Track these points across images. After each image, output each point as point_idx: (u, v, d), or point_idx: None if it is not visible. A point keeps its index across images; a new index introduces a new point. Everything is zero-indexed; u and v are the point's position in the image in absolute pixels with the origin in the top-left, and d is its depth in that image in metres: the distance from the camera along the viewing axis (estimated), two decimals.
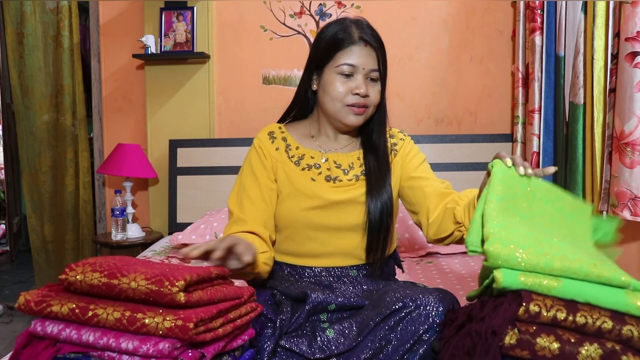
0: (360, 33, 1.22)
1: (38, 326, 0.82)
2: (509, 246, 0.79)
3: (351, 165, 1.29)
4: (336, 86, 1.21)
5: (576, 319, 0.74)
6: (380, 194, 1.24)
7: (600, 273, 0.77)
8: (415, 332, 0.99)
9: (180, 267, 0.86)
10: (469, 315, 0.86)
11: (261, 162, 1.29)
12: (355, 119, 1.24)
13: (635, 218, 1.57)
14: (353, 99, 1.21)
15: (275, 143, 1.31)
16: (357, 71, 1.21)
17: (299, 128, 1.35)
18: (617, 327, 0.74)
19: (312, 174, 1.27)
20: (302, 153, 1.30)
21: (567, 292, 0.76)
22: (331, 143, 1.32)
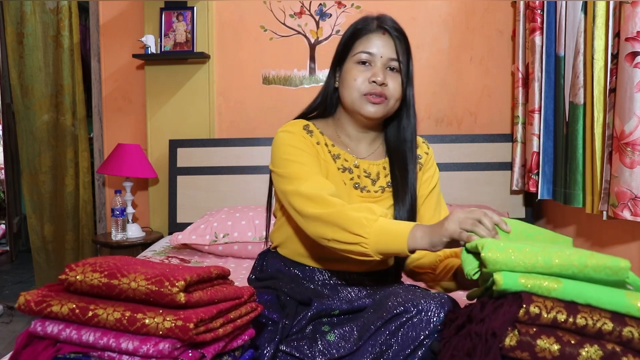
0: (379, 22, 1.20)
1: (38, 326, 0.82)
2: (507, 250, 0.79)
3: (378, 174, 1.25)
4: (353, 74, 1.18)
5: (576, 320, 0.74)
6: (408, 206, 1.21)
7: (598, 262, 0.76)
8: (417, 338, 0.98)
9: (180, 267, 0.86)
10: (468, 316, 0.86)
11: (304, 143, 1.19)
12: (373, 108, 1.17)
13: (635, 218, 1.57)
14: (369, 87, 1.16)
15: (314, 137, 1.23)
16: (374, 60, 1.18)
17: (329, 127, 1.28)
18: (618, 329, 0.74)
19: (345, 178, 1.22)
20: (338, 152, 1.24)
21: (568, 294, 0.76)
22: (357, 147, 1.26)
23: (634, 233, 1.73)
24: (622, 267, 0.77)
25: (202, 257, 2.24)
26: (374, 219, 1.01)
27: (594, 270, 0.77)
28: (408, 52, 1.22)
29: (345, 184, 1.22)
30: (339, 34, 2.72)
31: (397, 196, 1.22)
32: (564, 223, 2.31)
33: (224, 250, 2.23)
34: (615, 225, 1.83)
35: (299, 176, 1.14)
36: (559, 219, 2.37)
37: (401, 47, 1.20)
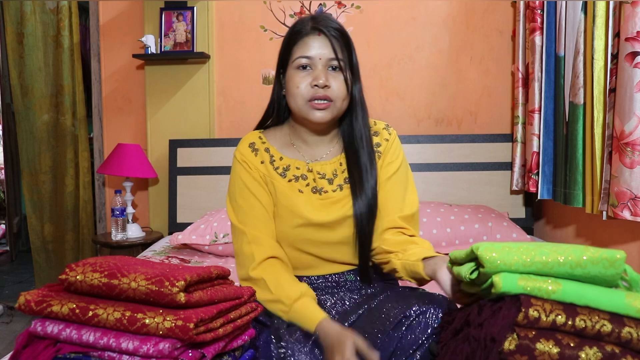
0: (314, 23, 1.16)
1: (38, 326, 0.82)
2: (504, 249, 0.79)
3: (334, 172, 1.23)
4: (295, 82, 1.15)
5: (575, 323, 0.74)
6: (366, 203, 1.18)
7: (594, 254, 0.76)
8: (416, 341, 0.98)
9: (181, 267, 0.86)
10: (466, 320, 0.85)
11: (251, 176, 1.23)
12: (320, 114, 1.15)
13: (635, 218, 1.57)
14: (312, 92, 1.13)
15: (259, 156, 1.24)
16: (314, 63, 1.15)
17: (279, 135, 1.28)
18: (617, 330, 0.73)
19: (300, 186, 1.22)
20: (287, 164, 1.24)
21: (568, 296, 0.76)
22: (312, 149, 1.26)
23: (634, 233, 1.73)
24: (619, 258, 0.76)
25: (202, 257, 2.24)
26: (288, 309, 1.10)
27: (591, 262, 0.76)
28: (349, 47, 1.18)
29: (303, 192, 1.21)
30: None
31: (354, 193, 1.20)
32: (564, 223, 2.31)
33: (224, 250, 2.23)
34: (615, 225, 1.83)
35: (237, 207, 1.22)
36: (559, 219, 2.37)
37: (339, 45, 1.16)
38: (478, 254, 0.80)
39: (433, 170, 2.59)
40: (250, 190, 1.22)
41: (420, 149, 2.60)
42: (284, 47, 1.21)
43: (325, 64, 1.15)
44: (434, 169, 2.59)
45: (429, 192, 2.58)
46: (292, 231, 1.20)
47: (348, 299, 1.21)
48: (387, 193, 1.23)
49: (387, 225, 1.20)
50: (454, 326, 0.89)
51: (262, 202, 1.21)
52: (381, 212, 1.21)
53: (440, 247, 2.23)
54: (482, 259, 0.79)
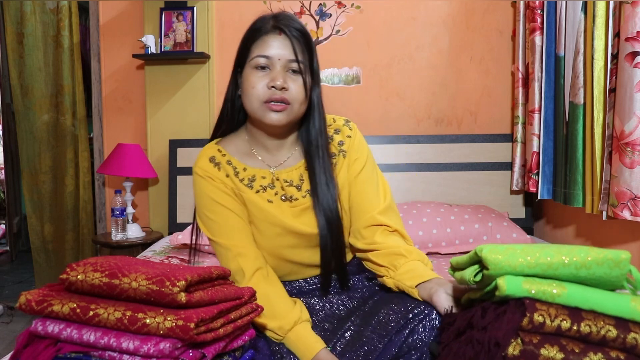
0: (275, 22, 1.12)
1: (39, 326, 0.82)
2: (508, 251, 0.78)
3: (301, 177, 1.19)
4: (251, 81, 1.10)
5: (580, 328, 0.73)
6: (322, 212, 1.14)
7: (599, 254, 0.76)
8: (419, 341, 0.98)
9: (181, 267, 0.86)
10: (469, 322, 0.85)
11: (218, 189, 1.16)
12: (276, 117, 1.09)
13: (635, 218, 1.57)
14: (269, 94, 1.08)
15: (222, 170, 1.17)
16: (273, 63, 1.09)
17: (237, 144, 1.21)
18: (622, 336, 0.73)
19: (268, 196, 1.17)
20: (252, 174, 1.18)
21: (573, 300, 0.75)
22: (273, 155, 1.20)
23: (634, 233, 1.73)
24: (624, 259, 0.76)
25: (202, 257, 2.24)
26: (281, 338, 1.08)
27: (596, 263, 0.76)
28: (310, 50, 1.13)
29: (272, 201, 1.17)
30: (339, 34, 2.73)
31: (313, 198, 1.16)
32: (564, 223, 2.31)
33: None
34: (615, 225, 1.83)
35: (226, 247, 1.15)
36: (559, 219, 2.37)
37: (300, 47, 1.11)
38: (482, 256, 0.79)
39: (433, 170, 2.59)
40: (220, 203, 1.16)
41: (420, 149, 2.60)
42: (242, 44, 1.16)
43: (284, 65, 1.10)
44: (434, 169, 2.59)
45: (429, 192, 2.58)
46: (271, 241, 1.17)
47: (336, 300, 1.19)
48: (359, 192, 1.19)
49: (366, 223, 1.17)
50: (456, 327, 0.88)
51: (235, 211, 1.16)
52: (357, 211, 1.18)
53: (440, 247, 2.23)
54: (486, 260, 0.78)
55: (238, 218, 1.16)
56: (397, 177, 2.59)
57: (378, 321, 1.04)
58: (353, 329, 1.09)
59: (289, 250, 1.19)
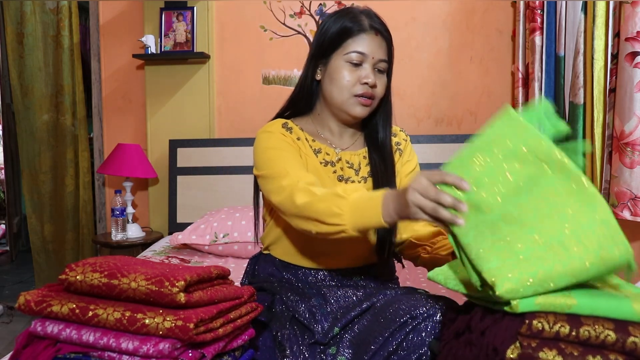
0: (371, 22, 1.20)
1: (38, 326, 0.82)
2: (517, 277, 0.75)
3: (359, 164, 1.26)
4: (344, 74, 1.17)
5: (580, 333, 0.73)
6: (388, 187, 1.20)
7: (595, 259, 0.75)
8: (423, 343, 0.98)
9: (181, 267, 0.86)
10: (467, 324, 0.84)
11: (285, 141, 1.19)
12: (361, 110, 1.19)
13: (635, 218, 1.57)
14: (361, 89, 1.17)
15: (293, 134, 1.23)
16: (366, 60, 1.18)
17: (305, 124, 1.28)
18: (621, 340, 0.72)
19: (328, 171, 1.23)
20: (318, 147, 1.25)
21: (582, 311, 0.75)
22: (337, 139, 1.28)
23: (634, 233, 1.73)
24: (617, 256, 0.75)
25: (202, 257, 2.24)
26: (345, 203, 1.00)
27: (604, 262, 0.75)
28: (392, 52, 1.24)
29: (329, 178, 1.22)
30: None
31: (377, 184, 1.22)
32: None
33: (224, 250, 2.23)
34: None
35: (279, 174, 1.12)
36: None
37: (390, 49, 1.22)
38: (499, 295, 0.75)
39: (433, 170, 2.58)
40: (283, 149, 1.17)
41: (420, 149, 2.60)
42: (332, 36, 1.19)
43: (374, 63, 1.18)
44: (434, 169, 2.58)
45: None
46: None
47: (352, 293, 1.20)
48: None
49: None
50: (456, 326, 0.88)
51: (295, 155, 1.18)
52: None
53: None
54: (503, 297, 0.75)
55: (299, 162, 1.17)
56: None
57: (385, 316, 1.04)
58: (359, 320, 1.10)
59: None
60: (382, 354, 0.98)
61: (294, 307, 1.11)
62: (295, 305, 1.12)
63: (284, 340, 1.05)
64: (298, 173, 1.11)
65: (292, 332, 1.08)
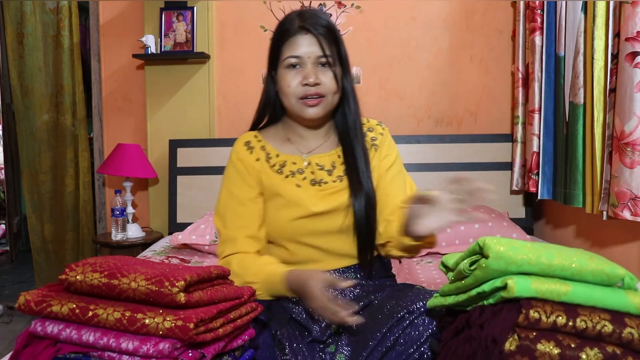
0: (301, 22, 1.18)
1: (38, 326, 0.82)
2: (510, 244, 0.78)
3: (333, 164, 1.25)
4: (287, 81, 1.18)
5: (576, 324, 0.74)
6: (363, 193, 1.20)
7: (597, 266, 0.76)
8: (420, 337, 0.98)
9: (180, 267, 0.86)
10: (467, 321, 0.85)
11: (241, 178, 1.25)
12: (313, 111, 1.19)
13: (635, 218, 1.57)
14: (303, 91, 1.17)
15: (254, 154, 1.27)
16: (303, 62, 1.17)
17: (275, 133, 1.31)
18: (617, 331, 0.73)
19: (297, 180, 1.23)
20: (283, 160, 1.26)
21: (576, 297, 0.76)
22: (308, 143, 1.28)
23: (634, 233, 1.73)
24: (619, 274, 0.77)
25: (202, 257, 2.24)
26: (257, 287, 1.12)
27: (591, 274, 0.77)
28: (336, 42, 1.20)
29: (301, 186, 1.23)
30: None
31: (352, 182, 1.21)
32: (564, 223, 2.31)
33: None
34: (615, 225, 1.83)
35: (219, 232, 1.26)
36: (559, 219, 2.37)
37: (327, 42, 1.18)
38: (485, 244, 0.79)
39: (433, 170, 2.59)
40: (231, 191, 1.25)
41: (420, 149, 2.60)
42: (273, 45, 1.22)
43: (314, 61, 1.17)
44: (434, 169, 2.59)
45: None
46: (292, 224, 1.21)
47: (349, 291, 1.20)
48: (388, 183, 1.26)
49: (390, 211, 1.21)
50: (455, 326, 0.89)
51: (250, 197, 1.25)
52: (387, 200, 1.23)
53: (440, 247, 2.23)
54: (488, 248, 0.78)
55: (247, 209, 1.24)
56: None
57: (382, 312, 1.05)
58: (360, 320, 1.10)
59: (310, 235, 1.22)
60: (380, 349, 0.99)
61: (291, 308, 1.12)
62: (291, 307, 1.13)
63: (284, 339, 1.05)
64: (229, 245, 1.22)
65: (291, 330, 1.08)
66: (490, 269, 0.78)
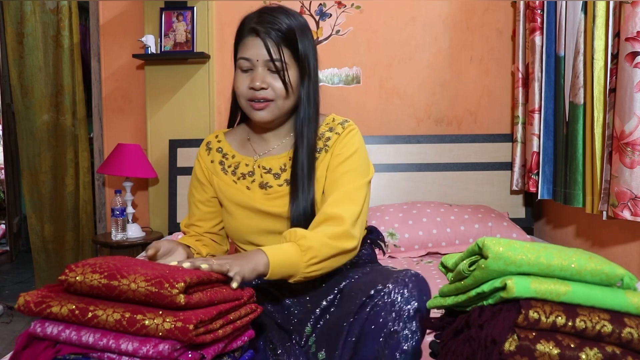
0: (252, 23, 1.15)
1: (38, 327, 0.82)
2: (509, 244, 0.78)
3: (283, 167, 1.23)
4: (237, 82, 1.18)
5: (576, 324, 0.74)
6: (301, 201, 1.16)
7: (596, 266, 0.76)
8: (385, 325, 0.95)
9: (180, 268, 0.86)
10: (466, 321, 0.85)
11: (197, 180, 1.32)
12: (259, 115, 1.17)
13: (635, 218, 1.57)
14: (250, 94, 1.15)
15: (210, 155, 1.30)
16: (254, 64, 1.15)
17: (238, 133, 1.33)
18: (617, 330, 0.74)
19: (247, 183, 1.25)
20: (237, 162, 1.28)
21: (576, 297, 0.76)
22: (266, 143, 1.28)
23: (634, 233, 1.73)
24: (618, 274, 0.77)
25: None
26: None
27: (591, 274, 0.77)
28: (291, 45, 1.15)
29: (250, 188, 1.24)
30: (339, 34, 2.73)
31: (292, 190, 1.18)
32: (564, 223, 2.31)
33: None
34: (615, 225, 1.83)
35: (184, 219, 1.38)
36: (559, 219, 2.37)
37: (276, 46, 1.13)
38: (484, 244, 0.79)
39: (433, 170, 2.59)
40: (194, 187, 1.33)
41: (420, 149, 2.60)
42: (234, 46, 1.21)
43: (263, 65, 1.15)
44: (434, 169, 2.59)
45: (429, 192, 2.58)
46: (242, 224, 1.23)
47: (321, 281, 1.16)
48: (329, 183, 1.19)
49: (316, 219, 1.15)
50: (454, 326, 0.89)
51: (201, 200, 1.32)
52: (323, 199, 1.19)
53: (440, 247, 2.23)
54: (488, 248, 0.77)
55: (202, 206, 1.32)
56: (397, 177, 2.59)
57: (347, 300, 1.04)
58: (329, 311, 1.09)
59: (259, 235, 1.23)
60: (350, 340, 0.97)
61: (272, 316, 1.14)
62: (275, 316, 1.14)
63: (275, 340, 1.06)
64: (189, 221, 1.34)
65: (279, 333, 1.10)
66: (489, 269, 0.78)
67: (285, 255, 1.01)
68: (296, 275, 1.03)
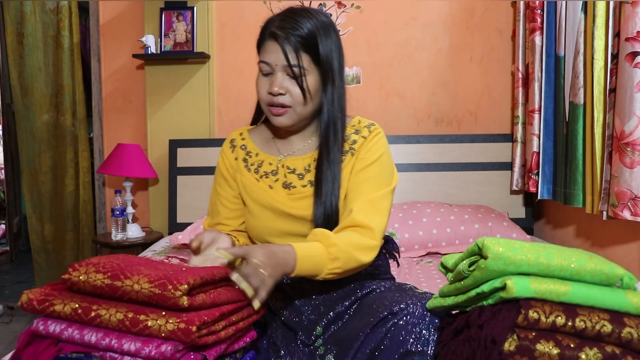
0: (273, 27, 1.13)
1: (40, 325, 0.82)
2: (509, 245, 0.79)
3: (307, 168, 1.21)
4: (258, 86, 1.16)
5: (575, 324, 0.74)
6: (325, 203, 1.15)
7: (596, 266, 0.77)
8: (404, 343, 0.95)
9: (184, 268, 0.86)
10: (466, 322, 0.85)
11: (222, 177, 1.30)
12: (277, 120, 1.15)
13: (635, 218, 1.57)
14: (269, 99, 1.14)
15: (234, 152, 1.29)
16: (273, 69, 1.13)
17: (263, 132, 1.31)
18: (617, 330, 0.74)
19: (270, 182, 1.23)
20: (261, 160, 1.26)
21: (575, 297, 0.76)
22: (288, 145, 1.26)
23: (634, 233, 1.73)
24: (618, 274, 0.77)
25: None
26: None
27: (590, 274, 0.77)
28: (311, 50, 1.12)
29: (273, 187, 1.22)
30: None
31: (316, 192, 1.17)
32: (564, 223, 2.32)
33: None
34: (615, 225, 1.83)
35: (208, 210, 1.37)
36: (559, 219, 2.37)
37: (293, 51, 1.11)
38: (484, 245, 0.79)
39: (433, 170, 2.59)
40: (219, 184, 1.31)
41: (420, 149, 2.60)
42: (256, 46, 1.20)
43: (282, 70, 1.12)
44: (434, 169, 2.59)
45: (429, 192, 2.58)
46: (263, 224, 1.22)
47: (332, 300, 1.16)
48: (352, 187, 1.18)
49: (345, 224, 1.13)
50: (454, 326, 0.89)
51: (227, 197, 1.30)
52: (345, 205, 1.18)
53: (440, 247, 2.23)
54: (487, 249, 0.78)
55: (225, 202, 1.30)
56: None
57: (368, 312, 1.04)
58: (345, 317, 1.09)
59: (279, 237, 1.21)
60: (364, 350, 0.98)
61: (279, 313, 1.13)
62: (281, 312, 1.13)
63: (278, 341, 1.06)
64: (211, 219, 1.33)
65: (284, 333, 1.08)
66: (489, 269, 0.79)
67: (312, 262, 1.02)
68: (311, 278, 1.05)
